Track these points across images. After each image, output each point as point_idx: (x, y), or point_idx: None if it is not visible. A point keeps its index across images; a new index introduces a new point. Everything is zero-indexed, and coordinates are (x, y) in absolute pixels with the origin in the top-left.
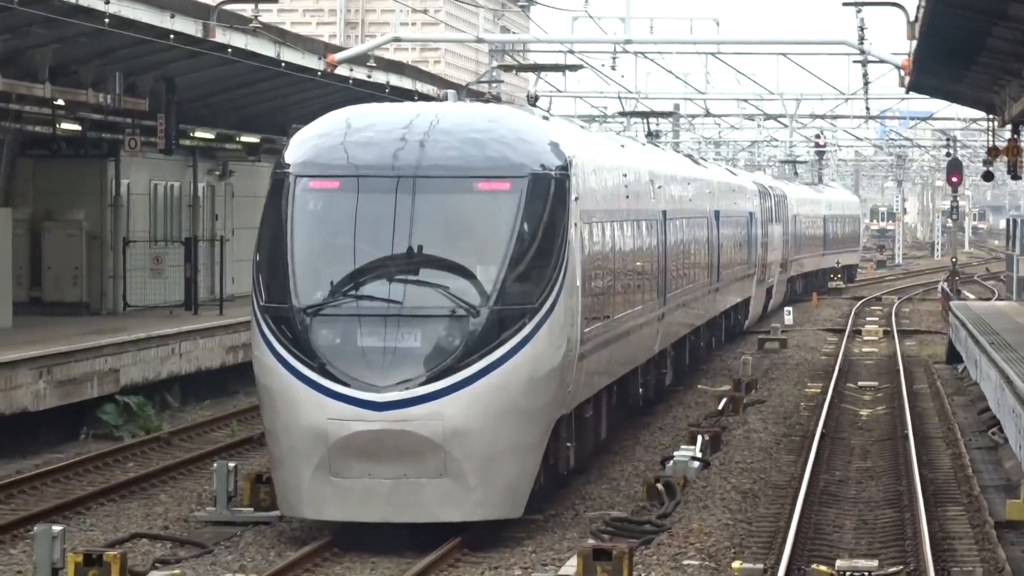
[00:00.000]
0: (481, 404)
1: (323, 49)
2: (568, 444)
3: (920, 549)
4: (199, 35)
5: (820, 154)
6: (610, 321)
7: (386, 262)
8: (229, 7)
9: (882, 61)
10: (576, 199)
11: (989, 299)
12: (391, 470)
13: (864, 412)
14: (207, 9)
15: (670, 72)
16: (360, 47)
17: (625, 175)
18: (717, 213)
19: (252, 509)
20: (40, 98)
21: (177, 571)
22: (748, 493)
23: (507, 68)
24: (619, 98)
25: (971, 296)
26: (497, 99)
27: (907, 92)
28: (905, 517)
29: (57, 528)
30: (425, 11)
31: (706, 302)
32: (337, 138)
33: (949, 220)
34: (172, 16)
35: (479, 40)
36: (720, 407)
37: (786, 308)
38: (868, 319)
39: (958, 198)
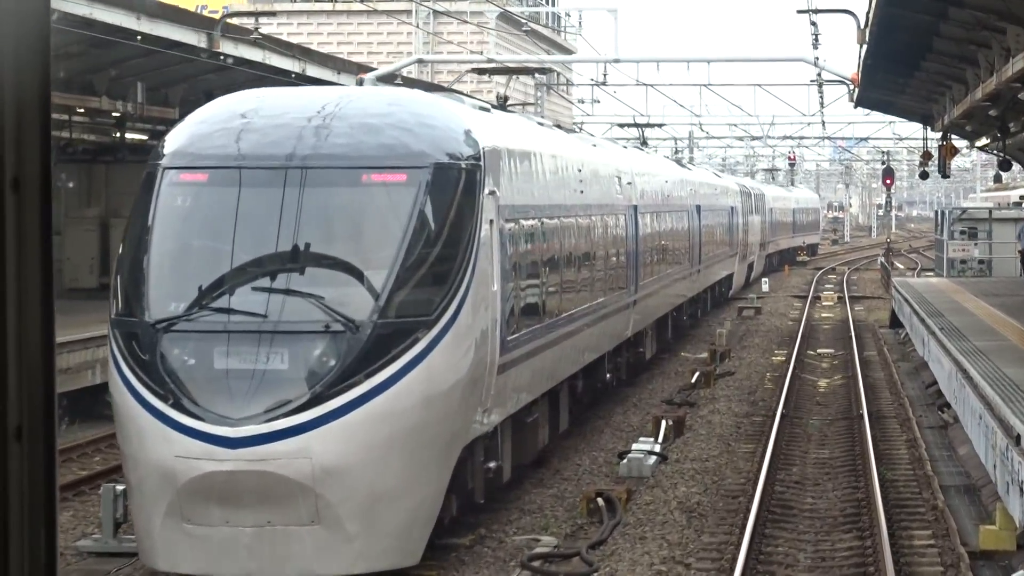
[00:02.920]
0: (360, 436)
1: (355, 69)
2: (490, 465)
3: None
4: (203, 46)
5: (791, 165)
6: (554, 321)
7: (253, 269)
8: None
9: (838, 81)
10: (492, 193)
11: (915, 269)
12: (252, 517)
13: (822, 383)
14: (212, 22)
15: (674, 100)
16: (389, 67)
17: (580, 170)
18: (699, 207)
19: None
20: (59, 105)
21: None
22: (695, 511)
23: (481, 71)
24: (634, 121)
25: (901, 267)
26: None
27: (855, 107)
28: (866, 546)
29: None
30: (481, 52)
31: (688, 282)
32: (215, 125)
33: (882, 210)
34: (138, 18)
35: (489, 61)
36: (693, 380)
37: (763, 279)
38: (826, 286)
39: (891, 195)
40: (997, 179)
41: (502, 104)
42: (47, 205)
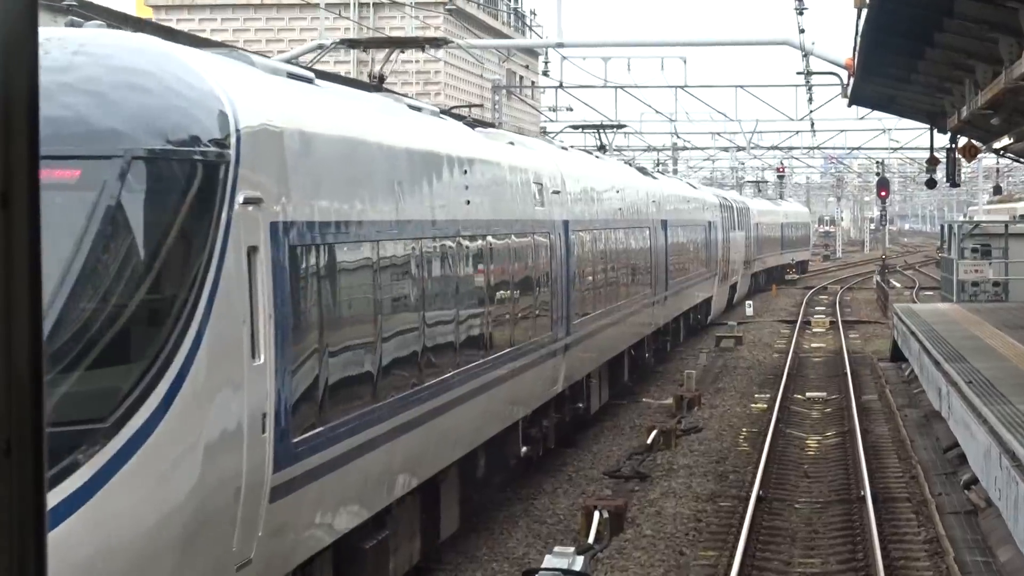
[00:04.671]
0: None
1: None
2: None
3: None
4: None
5: (780, 178)
6: (407, 396)
7: None
8: None
9: (829, 72)
10: (255, 202)
11: (914, 288)
12: None
13: (812, 442)
14: None
15: (649, 105)
16: (286, 54)
17: (465, 172)
18: (665, 222)
19: None
20: None
21: None
22: None
23: (354, 44)
24: (599, 127)
25: (898, 285)
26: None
27: (849, 104)
28: None
29: None
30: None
31: (651, 312)
32: None
33: (875, 224)
34: None
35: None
36: (649, 440)
37: (747, 301)
38: (817, 308)
39: (886, 207)
40: (997, 191)
41: (378, 83)
42: (35, 221)
